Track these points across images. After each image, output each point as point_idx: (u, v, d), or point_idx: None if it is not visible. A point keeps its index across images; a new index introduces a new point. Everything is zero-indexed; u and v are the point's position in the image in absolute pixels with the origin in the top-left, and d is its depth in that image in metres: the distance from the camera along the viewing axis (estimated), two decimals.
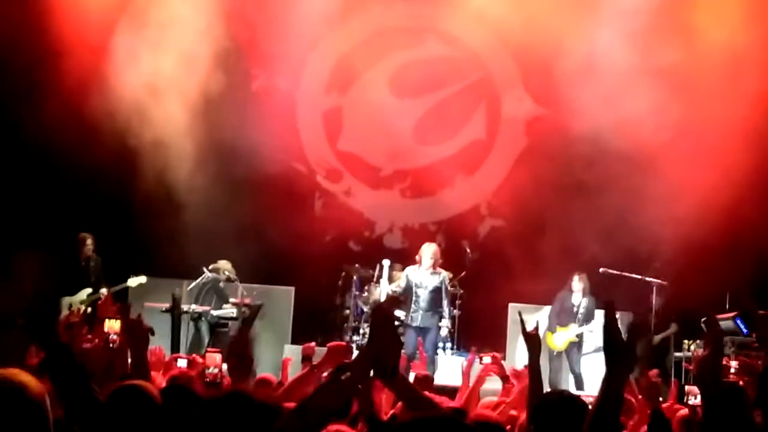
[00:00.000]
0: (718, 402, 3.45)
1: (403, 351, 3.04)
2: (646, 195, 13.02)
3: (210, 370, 7.12)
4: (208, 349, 11.10)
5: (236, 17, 14.07)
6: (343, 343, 6.26)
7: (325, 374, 4.60)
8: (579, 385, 11.72)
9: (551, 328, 12.18)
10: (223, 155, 13.77)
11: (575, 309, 12.13)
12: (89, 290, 12.15)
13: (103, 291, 12.01)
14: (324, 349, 5.07)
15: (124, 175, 13.47)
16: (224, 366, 5.43)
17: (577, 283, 12.16)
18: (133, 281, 12.12)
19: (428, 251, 11.38)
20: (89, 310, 11.72)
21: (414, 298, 11.36)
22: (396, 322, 11.05)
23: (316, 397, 2.53)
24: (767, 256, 12.22)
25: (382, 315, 2.70)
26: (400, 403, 4.09)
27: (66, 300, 12.09)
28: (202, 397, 2.93)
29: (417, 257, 11.50)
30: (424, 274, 11.36)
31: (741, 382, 5.07)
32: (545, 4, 13.90)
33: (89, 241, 12.52)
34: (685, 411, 5.12)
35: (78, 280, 12.17)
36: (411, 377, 6.83)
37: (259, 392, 2.75)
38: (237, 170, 13.70)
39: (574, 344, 12.08)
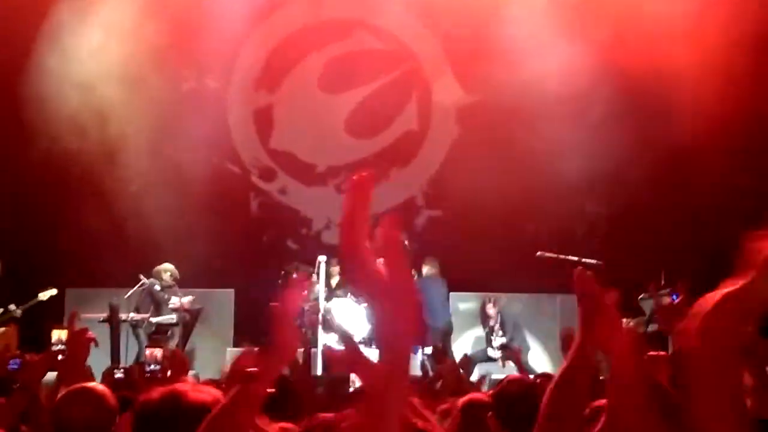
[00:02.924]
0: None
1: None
2: (581, 173, 13.22)
3: (151, 367, 7.03)
4: (149, 345, 11.04)
5: (163, 18, 13.90)
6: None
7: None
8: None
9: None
10: (156, 159, 13.61)
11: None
12: (0, 309, 11.90)
13: (12, 307, 11.79)
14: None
15: (53, 182, 13.27)
16: None
17: (491, 309, 12.39)
18: (44, 295, 11.89)
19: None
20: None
21: None
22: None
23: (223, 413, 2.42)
24: (702, 235, 12.48)
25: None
26: None
27: None
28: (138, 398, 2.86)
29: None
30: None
31: None
32: None
33: None
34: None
35: None
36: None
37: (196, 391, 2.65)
38: (170, 173, 13.55)
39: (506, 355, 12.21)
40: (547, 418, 2.39)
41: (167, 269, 12.34)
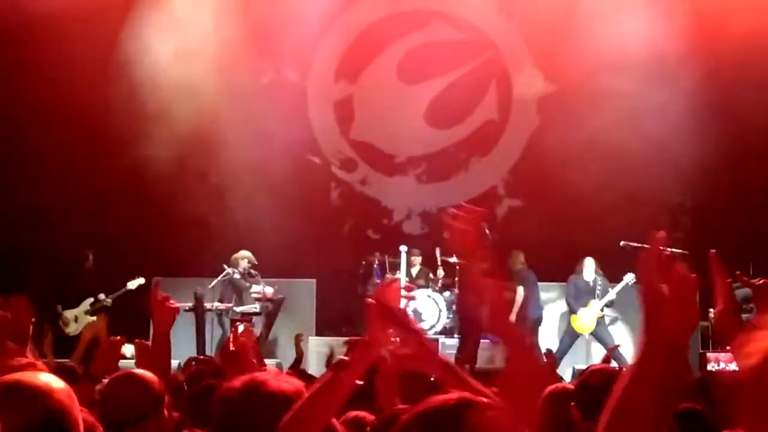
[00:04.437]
0: None
1: None
2: (666, 162, 13.02)
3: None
4: (236, 323, 11.18)
5: (241, 12, 14.09)
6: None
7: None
8: (619, 359, 11.54)
9: (574, 311, 12.15)
10: (238, 151, 13.78)
11: (591, 285, 12.09)
12: (91, 299, 12.21)
13: (102, 296, 12.09)
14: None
15: (140, 176, 13.55)
16: None
17: (588, 264, 12.14)
18: (133, 284, 12.13)
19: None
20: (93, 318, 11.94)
21: None
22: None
23: (311, 404, 2.46)
24: None
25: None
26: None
27: (70, 313, 12.13)
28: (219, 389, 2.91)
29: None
30: None
31: None
32: None
33: (90, 257, 12.56)
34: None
35: (78, 293, 12.24)
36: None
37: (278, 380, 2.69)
38: (252, 165, 13.72)
39: (600, 321, 12.03)
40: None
41: (244, 256, 12.50)
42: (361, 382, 2.57)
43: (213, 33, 13.92)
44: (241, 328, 11.01)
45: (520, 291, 12.30)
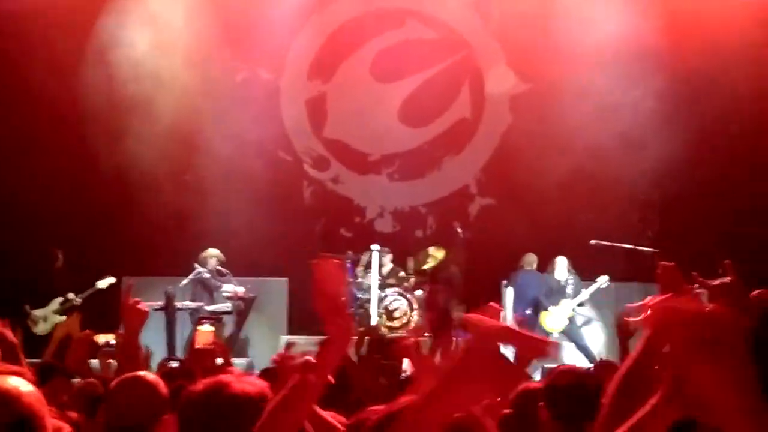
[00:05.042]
0: None
1: None
2: (635, 160, 13.10)
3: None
4: (201, 321, 11.14)
5: (217, 9, 14.05)
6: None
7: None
8: (590, 358, 11.60)
9: (544, 308, 12.16)
10: (209, 148, 13.73)
11: (562, 285, 12.11)
12: (60, 299, 12.12)
13: (72, 296, 11.99)
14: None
15: (110, 175, 13.46)
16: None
17: (560, 262, 12.16)
18: (102, 283, 12.04)
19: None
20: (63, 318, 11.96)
21: None
22: None
23: (282, 406, 2.43)
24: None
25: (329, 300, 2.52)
26: None
27: (39, 312, 12.03)
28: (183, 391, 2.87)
29: None
30: None
31: None
32: None
33: (60, 256, 12.45)
34: None
35: (48, 292, 12.14)
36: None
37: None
38: (223, 163, 13.68)
39: (571, 320, 12.07)
40: (612, 411, 2.36)
41: (212, 254, 12.44)
42: (332, 381, 2.55)
43: (186, 29, 13.87)
44: (205, 326, 11.00)
45: (509, 292, 12.40)
